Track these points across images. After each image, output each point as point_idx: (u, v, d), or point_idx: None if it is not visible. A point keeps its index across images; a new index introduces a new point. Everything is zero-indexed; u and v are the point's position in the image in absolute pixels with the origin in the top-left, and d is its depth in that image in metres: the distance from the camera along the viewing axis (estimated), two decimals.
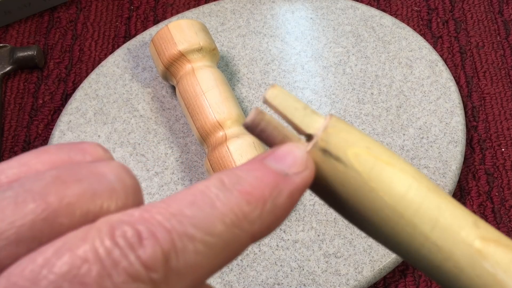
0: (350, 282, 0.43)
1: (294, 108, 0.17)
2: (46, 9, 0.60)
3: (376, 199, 0.16)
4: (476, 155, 0.50)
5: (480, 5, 0.58)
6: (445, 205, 0.16)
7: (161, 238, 0.12)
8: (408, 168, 0.17)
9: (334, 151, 0.16)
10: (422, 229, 0.16)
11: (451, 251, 0.16)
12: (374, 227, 0.16)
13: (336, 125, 0.16)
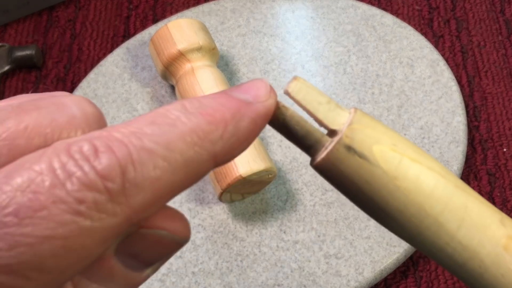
0: (351, 283, 0.43)
1: (318, 102, 0.16)
2: (45, 8, 0.59)
3: (401, 197, 0.15)
4: (477, 155, 0.50)
5: (482, 4, 0.57)
6: (471, 203, 0.16)
7: (117, 151, 0.12)
8: (435, 165, 0.16)
9: (359, 148, 0.15)
10: (448, 228, 0.16)
11: (476, 250, 0.15)
12: (399, 225, 0.16)
13: (361, 121, 0.16)
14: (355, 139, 0.16)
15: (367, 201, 0.16)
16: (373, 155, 0.15)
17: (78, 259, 0.12)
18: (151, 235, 0.14)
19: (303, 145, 0.16)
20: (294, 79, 0.16)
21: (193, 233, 0.45)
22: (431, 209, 0.15)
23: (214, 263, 0.44)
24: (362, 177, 0.16)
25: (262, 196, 0.47)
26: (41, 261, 0.12)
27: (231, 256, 0.44)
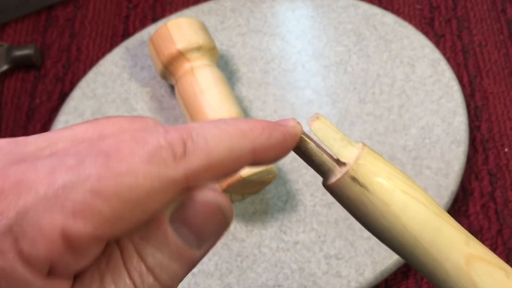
0: (352, 284, 0.42)
1: (333, 139, 0.21)
2: (44, 7, 0.59)
3: (390, 219, 0.20)
4: (479, 155, 0.49)
5: (483, 4, 0.57)
6: (445, 227, 0.21)
7: (181, 132, 0.17)
8: (421, 196, 0.21)
9: (361, 179, 0.20)
10: (423, 245, 0.20)
11: (443, 263, 0.20)
12: (386, 239, 0.21)
13: (366, 157, 0.21)
14: (359, 172, 0.20)
15: (364, 219, 0.21)
16: (372, 185, 0.20)
17: (139, 203, 0.15)
18: (200, 201, 0.18)
19: (319, 170, 0.21)
20: (316, 118, 0.21)
21: None
22: (412, 229, 0.20)
23: (214, 264, 0.44)
24: (361, 201, 0.20)
25: (262, 197, 0.46)
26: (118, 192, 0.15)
27: (231, 256, 0.44)
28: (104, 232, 0.15)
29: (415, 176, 0.46)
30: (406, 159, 0.47)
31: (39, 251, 0.14)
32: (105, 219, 0.15)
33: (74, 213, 0.15)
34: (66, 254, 0.15)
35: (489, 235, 0.46)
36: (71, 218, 0.15)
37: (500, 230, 0.46)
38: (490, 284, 0.20)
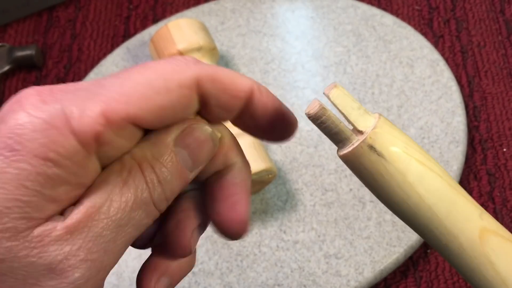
0: (351, 283, 0.43)
1: (351, 107, 0.21)
2: (45, 8, 0.59)
3: (406, 189, 0.20)
4: (477, 155, 0.50)
5: (482, 4, 0.57)
6: (459, 199, 0.20)
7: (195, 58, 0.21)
8: (436, 167, 0.21)
9: (379, 148, 0.20)
10: (438, 216, 0.20)
11: (457, 235, 0.20)
12: (403, 210, 0.21)
13: (383, 126, 0.20)
14: (377, 141, 0.20)
15: (380, 189, 0.21)
16: (389, 154, 0.20)
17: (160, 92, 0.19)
18: (197, 129, 0.21)
19: (335, 139, 0.21)
20: (334, 86, 0.21)
21: None
22: (428, 199, 0.20)
23: (214, 263, 0.44)
24: (378, 170, 0.20)
25: (262, 196, 0.47)
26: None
27: (231, 256, 0.44)
28: (136, 113, 0.18)
29: None
30: (435, 160, 0.47)
31: (84, 126, 0.17)
32: (135, 102, 0.18)
33: (108, 100, 0.18)
34: (106, 131, 0.18)
35: None
36: (107, 102, 0.18)
37: None
38: (504, 259, 0.20)
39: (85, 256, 0.18)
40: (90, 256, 0.18)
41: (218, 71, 0.20)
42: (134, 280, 0.44)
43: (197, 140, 0.21)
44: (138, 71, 0.19)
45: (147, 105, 0.19)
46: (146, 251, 0.25)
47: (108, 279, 0.44)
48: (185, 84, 0.19)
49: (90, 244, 0.18)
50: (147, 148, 0.20)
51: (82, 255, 0.18)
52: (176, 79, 0.19)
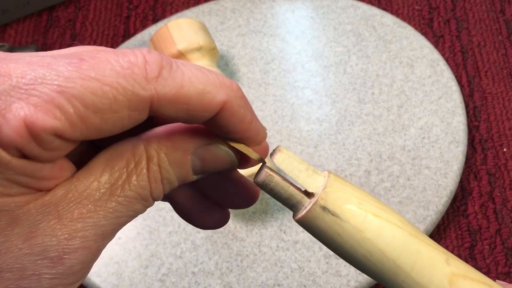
0: (351, 283, 0.43)
1: (298, 170, 0.20)
2: (45, 8, 0.59)
3: (366, 246, 0.20)
4: (477, 155, 0.50)
5: (482, 4, 0.57)
6: (423, 247, 0.20)
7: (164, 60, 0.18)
8: (394, 218, 0.20)
9: (332, 207, 0.20)
10: (403, 269, 0.20)
11: (426, 286, 0.20)
12: (365, 268, 0.20)
13: (333, 185, 0.20)
14: (328, 201, 0.20)
15: (341, 249, 0.20)
16: (344, 213, 0.19)
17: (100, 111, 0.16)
18: (219, 148, 0.20)
19: (288, 204, 0.21)
20: (278, 150, 0.21)
21: (193, 233, 0.45)
22: (390, 254, 0.20)
23: (214, 263, 0.44)
24: (335, 230, 0.20)
25: (262, 196, 0.47)
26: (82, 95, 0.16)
27: (231, 256, 0.44)
28: (65, 129, 0.16)
29: (414, 176, 0.46)
30: (405, 159, 0.47)
31: (5, 136, 0.16)
32: (66, 117, 0.16)
33: (37, 104, 0.16)
34: (30, 142, 0.16)
35: (487, 234, 0.46)
36: (34, 108, 0.16)
37: (499, 229, 0.46)
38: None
39: (81, 244, 0.18)
40: (86, 244, 0.18)
41: (183, 89, 0.18)
42: (134, 280, 0.44)
43: (215, 158, 0.20)
44: (84, 73, 0.16)
45: (80, 123, 0.16)
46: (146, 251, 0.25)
47: (108, 279, 0.44)
48: (135, 107, 0.17)
49: (86, 233, 0.18)
50: (163, 145, 0.19)
51: (77, 243, 0.18)
52: (126, 101, 0.17)
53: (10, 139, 0.16)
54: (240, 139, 0.20)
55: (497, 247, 0.45)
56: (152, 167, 0.19)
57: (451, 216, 0.47)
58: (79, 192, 0.18)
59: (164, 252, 0.45)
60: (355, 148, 0.48)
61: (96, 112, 0.16)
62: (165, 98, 0.17)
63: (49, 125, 0.16)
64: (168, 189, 0.20)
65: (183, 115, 0.18)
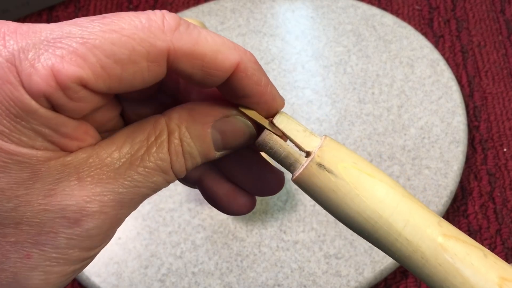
0: (351, 283, 0.42)
1: (296, 130, 0.21)
2: (45, 8, 0.59)
3: (360, 203, 0.20)
4: (478, 155, 0.49)
5: (482, 4, 0.57)
6: (415, 208, 0.20)
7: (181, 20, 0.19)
8: (387, 179, 0.21)
9: (327, 165, 0.20)
10: (396, 227, 0.20)
11: (418, 245, 0.20)
12: (359, 225, 0.20)
13: (329, 144, 0.21)
14: (325, 158, 0.20)
15: (335, 206, 0.20)
16: (339, 170, 0.20)
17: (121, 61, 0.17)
18: (237, 120, 0.21)
19: (286, 164, 0.21)
20: (279, 113, 0.21)
21: (193, 233, 0.45)
22: (383, 212, 0.20)
23: (214, 263, 0.44)
24: (330, 187, 0.20)
25: (262, 196, 0.47)
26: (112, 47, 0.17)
27: (231, 256, 0.44)
28: (88, 78, 0.17)
29: (415, 176, 0.46)
30: (405, 159, 0.47)
31: (34, 84, 0.17)
32: (89, 66, 0.17)
33: (63, 55, 0.17)
34: (57, 91, 0.17)
35: (488, 234, 0.46)
36: (60, 59, 0.17)
37: (499, 229, 0.46)
38: (469, 264, 0.19)
39: (99, 208, 0.19)
40: (104, 209, 0.19)
41: (198, 45, 0.19)
42: (134, 280, 0.44)
43: (234, 130, 0.21)
44: (105, 27, 0.18)
45: (103, 73, 0.17)
46: (145, 252, 0.25)
47: (108, 279, 0.44)
48: (153, 58, 0.18)
49: (105, 198, 0.19)
50: (184, 119, 0.20)
51: (96, 207, 0.18)
52: (144, 51, 0.18)
53: (39, 87, 0.17)
54: (256, 104, 0.21)
55: (497, 247, 0.45)
56: (173, 140, 0.20)
57: (451, 216, 0.47)
58: (100, 159, 0.19)
59: (164, 252, 0.45)
60: (355, 148, 0.48)
61: (117, 62, 0.17)
62: (181, 51, 0.18)
63: (74, 74, 0.17)
64: (191, 164, 0.21)
65: (198, 72, 0.19)
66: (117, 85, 0.18)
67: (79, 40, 0.17)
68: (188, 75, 0.19)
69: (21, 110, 0.17)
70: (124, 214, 0.20)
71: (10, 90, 0.17)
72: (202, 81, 0.19)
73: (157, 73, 0.18)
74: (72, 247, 0.19)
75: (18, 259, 0.18)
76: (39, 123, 0.17)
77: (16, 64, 0.17)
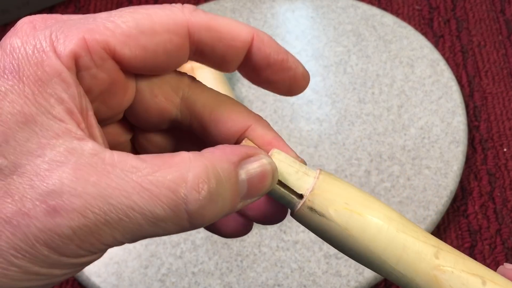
0: (351, 283, 0.42)
1: (288, 173, 0.22)
2: (45, 8, 0.59)
3: (353, 242, 0.21)
4: (478, 155, 0.50)
5: (482, 4, 0.57)
6: (410, 242, 0.21)
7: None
8: (381, 214, 0.21)
9: (318, 208, 0.21)
10: (389, 263, 0.21)
11: (413, 278, 0.21)
12: (356, 257, 0.22)
13: (321, 187, 0.21)
14: (315, 203, 0.21)
15: (331, 242, 0.22)
16: (329, 213, 0.21)
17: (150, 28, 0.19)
18: (264, 159, 0.21)
19: (283, 202, 0.22)
20: (271, 155, 0.22)
21: (193, 233, 0.45)
22: (375, 249, 0.21)
23: (214, 263, 0.44)
24: (322, 228, 0.21)
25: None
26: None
27: (231, 256, 0.44)
28: (115, 44, 0.19)
29: (415, 176, 0.46)
30: (405, 159, 0.47)
31: (64, 45, 0.18)
32: (116, 35, 0.19)
33: (93, 28, 0.19)
34: (86, 54, 0.18)
35: (488, 234, 0.46)
36: (91, 30, 0.19)
37: (499, 229, 0.46)
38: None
39: (82, 211, 0.17)
40: (87, 214, 0.17)
41: (214, 19, 0.20)
42: (134, 280, 0.44)
43: (259, 171, 0.20)
44: (129, 11, 0.19)
45: (128, 41, 0.19)
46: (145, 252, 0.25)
47: (108, 279, 0.44)
48: (174, 30, 0.19)
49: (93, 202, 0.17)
50: (208, 156, 0.19)
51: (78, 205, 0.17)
52: (165, 23, 0.19)
53: (68, 47, 0.18)
54: (281, 71, 0.21)
55: (497, 247, 0.45)
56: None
57: (451, 216, 0.47)
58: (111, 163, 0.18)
59: (164, 252, 0.45)
60: (355, 148, 0.48)
61: (141, 33, 0.19)
62: (198, 25, 0.20)
63: (102, 39, 0.18)
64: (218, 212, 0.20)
65: (219, 44, 0.20)
66: (142, 52, 0.19)
67: (105, 16, 0.19)
68: (210, 47, 0.20)
69: (47, 73, 0.18)
70: (110, 240, 0.18)
71: (41, 56, 0.18)
72: (226, 54, 0.20)
73: (179, 45, 0.20)
74: (41, 242, 0.17)
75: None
76: (61, 88, 0.18)
77: (52, 37, 0.18)
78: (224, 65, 0.21)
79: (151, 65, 0.20)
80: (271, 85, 0.22)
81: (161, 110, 0.22)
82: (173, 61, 0.20)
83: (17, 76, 0.18)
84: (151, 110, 0.22)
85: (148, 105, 0.22)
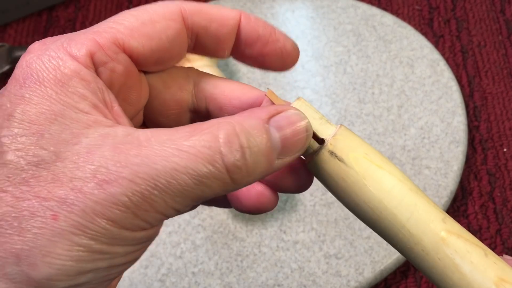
0: (351, 283, 0.42)
1: (313, 118, 0.22)
2: (45, 8, 0.59)
3: (367, 193, 0.21)
4: (478, 155, 0.49)
5: (482, 4, 0.57)
6: (421, 203, 0.21)
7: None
8: (396, 172, 0.21)
9: (339, 153, 0.21)
10: (400, 218, 0.21)
11: (420, 238, 0.20)
12: (365, 214, 0.21)
13: (343, 133, 0.22)
14: (337, 147, 0.21)
15: (343, 193, 0.21)
16: (349, 160, 0.21)
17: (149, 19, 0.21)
18: (294, 113, 0.21)
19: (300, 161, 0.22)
20: (297, 99, 0.22)
21: (193, 233, 0.45)
22: (388, 203, 0.21)
23: (214, 263, 0.44)
24: (340, 175, 0.21)
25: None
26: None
27: (231, 256, 0.44)
28: (123, 37, 0.20)
29: (414, 176, 0.46)
30: (405, 159, 0.47)
31: (78, 46, 0.20)
32: (122, 31, 0.20)
33: (100, 30, 0.20)
34: (100, 50, 0.20)
35: (488, 234, 0.46)
36: (99, 32, 0.20)
37: (499, 229, 0.46)
38: (468, 261, 0.20)
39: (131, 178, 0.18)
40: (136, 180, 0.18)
41: (204, 5, 0.22)
42: (134, 280, 0.44)
43: (291, 125, 0.20)
44: (126, 12, 0.21)
45: (133, 33, 0.20)
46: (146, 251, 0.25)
47: None
48: (170, 16, 0.21)
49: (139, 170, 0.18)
50: (236, 117, 0.20)
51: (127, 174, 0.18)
52: (161, 12, 0.21)
53: (82, 47, 0.19)
54: (271, 43, 0.22)
55: (498, 247, 0.45)
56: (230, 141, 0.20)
57: (451, 216, 0.47)
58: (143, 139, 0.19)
59: (164, 252, 0.45)
60: None
61: (142, 24, 0.21)
62: (190, 10, 0.22)
63: (112, 35, 0.20)
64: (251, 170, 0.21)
65: (211, 24, 0.22)
66: (149, 42, 0.21)
67: (108, 21, 0.21)
68: (204, 29, 0.22)
69: (66, 74, 0.19)
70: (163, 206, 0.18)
71: (57, 62, 0.19)
72: (218, 34, 0.22)
73: (178, 30, 0.21)
74: (99, 215, 0.17)
75: (43, 220, 0.17)
76: (81, 86, 0.19)
77: (64, 45, 0.19)
78: (219, 48, 0.22)
79: (158, 54, 0.21)
80: (265, 60, 0.23)
81: (177, 100, 0.23)
82: (176, 48, 0.22)
83: (38, 82, 0.19)
84: (168, 102, 0.23)
85: (164, 98, 0.23)
